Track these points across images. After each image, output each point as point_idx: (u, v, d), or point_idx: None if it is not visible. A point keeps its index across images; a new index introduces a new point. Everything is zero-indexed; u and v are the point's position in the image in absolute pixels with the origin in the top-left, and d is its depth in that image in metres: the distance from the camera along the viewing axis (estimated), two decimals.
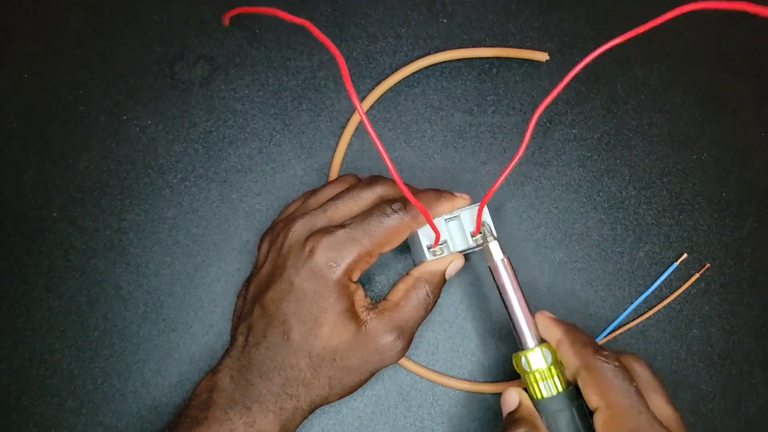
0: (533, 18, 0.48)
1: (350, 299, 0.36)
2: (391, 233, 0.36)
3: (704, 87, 0.48)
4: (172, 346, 0.43)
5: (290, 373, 0.35)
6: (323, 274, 0.35)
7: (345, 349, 0.35)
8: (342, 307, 0.35)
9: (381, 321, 0.36)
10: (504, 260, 0.36)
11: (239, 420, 0.34)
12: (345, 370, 0.36)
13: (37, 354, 0.42)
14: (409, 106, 0.46)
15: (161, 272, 0.44)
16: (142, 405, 0.42)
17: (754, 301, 0.45)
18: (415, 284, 0.37)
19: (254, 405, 0.35)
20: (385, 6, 0.48)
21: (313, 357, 0.35)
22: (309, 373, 0.35)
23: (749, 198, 0.46)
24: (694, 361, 0.44)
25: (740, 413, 0.44)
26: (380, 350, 0.36)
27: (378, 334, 0.36)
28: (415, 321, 0.37)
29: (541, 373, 0.35)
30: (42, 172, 0.45)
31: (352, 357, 0.35)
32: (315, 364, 0.35)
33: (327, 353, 0.35)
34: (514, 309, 0.36)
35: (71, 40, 0.47)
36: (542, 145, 0.46)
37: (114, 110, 0.46)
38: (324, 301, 0.35)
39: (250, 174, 0.45)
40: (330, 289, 0.35)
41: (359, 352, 0.35)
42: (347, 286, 0.36)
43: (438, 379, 0.43)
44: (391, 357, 0.36)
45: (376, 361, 0.36)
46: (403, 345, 0.36)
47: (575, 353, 0.34)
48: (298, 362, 0.35)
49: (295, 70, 0.47)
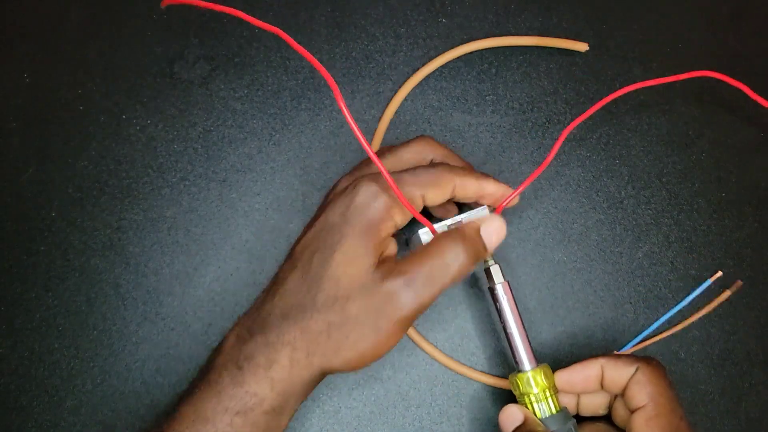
0: (533, 18, 0.48)
1: (377, 238, 0.33)
2: (435, 177, 0.34)
3: (704, 87, 0.48)
4: (172, 346, 0.43)
5: (292, 314, 0.33)
6: (361, 203, 0.33)
7: (347, 286, 0.32)
8: (367, 241, 0.32)
9: (397, 268, 0.33)
10: (504, 284, 0.37)
11: (229, 380, 0.32)
12: (343, 314, 0.32)
13: (36, 353, 0.42)
14: (408, 106, 0.46)
15: (160, 271, 0.44)
16: (141, 405, 0.42)
17: (754, 302, 0.45)
18: (441, 237, 0.34)
19: (245, 363, 0.33)
20: (384, 6, 0.48)
21: (319, 293, 0.32)
22: (309, 313, 0.33)
23: (749, 198, 0.46)
24: (693, 361, 0.44)
25: (740, 413, 0.43)
26: (383, 298, 0.32)
27: (389, 279, 0.32)
28: (437, 279, 0.33)
29: (537, 395, 0.36)
30: (41, 172, 0.45)
31: (351, 298, 0.32)
32: (319, 303, 0.32)
33: (331, 287, 0.32)
34: (513, 332, 0.37)
35: (71, 40, 0.47)
36: (541, 145, 0.46)
37: (113, 110, 0.46)
38: (350, 228, 0.32)
39: (249, 173, 0.45)
40: (362, 219, 0.32)
41: (362, 294, 0.32)
42: (379, 224, 0.33)
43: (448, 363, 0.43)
44: (396, 311, 0.32)
45: (378, 312, 0.32)
46: (411, 300, 0.32)
47: (627, 361, 0.36)
48: (301, 302, 0.33)
49: (295, 70, 0.47)
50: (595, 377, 0.36)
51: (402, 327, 0.33)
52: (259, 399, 0.32)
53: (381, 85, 0.47)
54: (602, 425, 0.38)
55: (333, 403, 0.43)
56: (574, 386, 0.37)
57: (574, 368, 0.37)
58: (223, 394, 0.32)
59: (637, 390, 0.35)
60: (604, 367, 0.36)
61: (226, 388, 0.32)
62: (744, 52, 0.48)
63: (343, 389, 0.43)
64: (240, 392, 0.32)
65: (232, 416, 0.32)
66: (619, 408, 0.37)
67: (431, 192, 0.34)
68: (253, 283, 0.44)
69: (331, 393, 0.43)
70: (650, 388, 0.35)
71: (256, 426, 0.32)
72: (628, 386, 0.35)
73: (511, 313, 0.37)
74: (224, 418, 0.32)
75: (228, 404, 0.32)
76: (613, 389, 0.36)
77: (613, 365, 0.36)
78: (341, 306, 0.32)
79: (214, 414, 0.32)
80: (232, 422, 0.32)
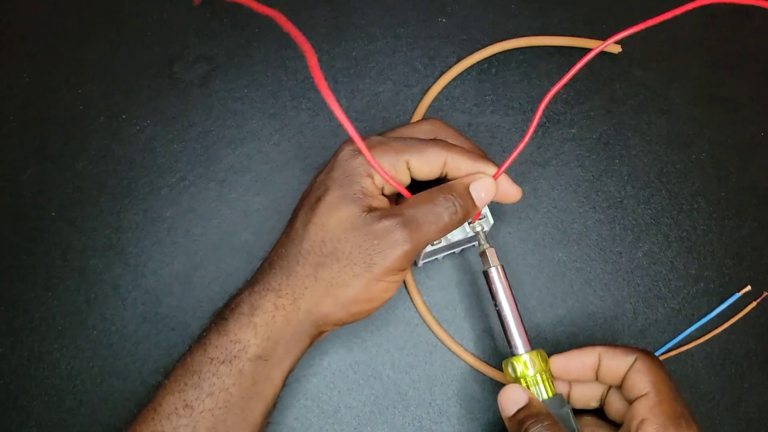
0: (533, 18, 0.48)
1: (359, 188, 0.33)
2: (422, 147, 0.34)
3: (704, 87, 0.47)
4: (171, 346, 0.43)
5: (277, 264, 0.33)
6: (342, 159, 0.33)
7: (336, 228, 0.32)
8: (349, 190, 0.32)
9: (387, 210, 0.33)
10: (498, 267, 0.37)
11: (215, 331, 0.33)
12: (333, 255, 0.32)
13: (35, 353, 0.42)
14: (408, 105, 0.46)
15: (160, 272, 0.44)
16: (141, 405, 0.42)
17: (753, 302, 0.45)
18: (435, 192, 0.34)
19: (230, 313, 0.33)
20: (384, 6, 0.48)
21: (304, 240, 0.33)
22: (294, 260, 0.33)
23: (749, 198, 0.46)
24: (694, 361, 0.44)
25: (740, 413, 0.43)
26: (374, 233, 0.32)
27: (379, 219, 0.32)
28: (427, 228, 0.33)
29: (532, 378, 0.35)
30: (41, 172, 0.45)
31: (343, 239, 0.32)
32: (303, 249, 0.32)
33: (317, 232, 0.32)
34: (507, 316, 0.36)
35: (71, 40, 0.47)
36: (541, 145, 0.46)
37: (113, 110, 0.46)
38: (332, 181, 0.33)
39: (248, 174, 0.45)
40: (343, 173, 0.33)
41: (352, 234, 0.32)
42: (362, 174, 0.33)
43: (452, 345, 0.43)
44: (391, 247, 0.32)
45: (369, 248, 0.32)
46: (402, 231, 0.32)
47: (625, 351, 0.35)
48: (288, 251, 0.33)
49: (294, 70, 0.47)
50: (591, 365, 0.36)
51: (397, 266, 0.32)
52: (242, 346, 0.32)
53: (381, 85, 0.47)
54: (593, 418, 0.37)
55: (333, 403, 0.43)
56: (569, 372, 0.36)
57: (571, 354, 0.36)
58: (209, 345, 0.33)
59: (638, 378, 0.34)
60: (602, 356, 0.36)
61: (212, 339, 0.33)
62: (744, 52, 0.48)
63: (343, 389, 0.43)
64: (224, 341, 0.32)
65: (218, 366, 0.32)
66: (614, 401, 0.36)
67: (416, 160, 0.34)
68: None
69: (331, 393, 0.43)
70: (651, 376, 0.34)
71: (242, 374, 0.32)
72: (628, 376, 0.35)
73: (505, 296, 0.36)
74: (210, 368, 0.32)
75: (213, 354, 0.32)
76: (609, 379, 0.36)
77: (612, 354, 0.35)
78: (331, 246, 0.32)
79: (200, 365, 0.32)
80: (218, 371, 0.32)
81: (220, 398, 0.32)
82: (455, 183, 0.34)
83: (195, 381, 0.32)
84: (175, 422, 0.32)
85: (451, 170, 0.34)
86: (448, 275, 0.44)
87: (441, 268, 0.44)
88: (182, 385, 0.32)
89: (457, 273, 0.44)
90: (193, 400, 0.32)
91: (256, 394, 0.33)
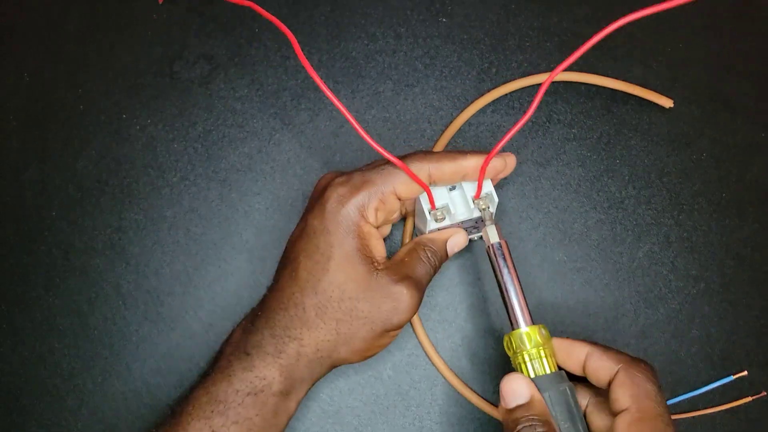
0: (533, 18, 0.48)
1: (363, 240, 0.35)
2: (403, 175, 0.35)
3: (704, 87, 0.47)
4: (172, 346, 0.43)
5: (293, 312, 0.35)
6: (332, 210, 0.35)
7: (353, 288, 0.34)
8: (352, 245, 0.35)
9: (392, 270, 0.35)
10: (501, 243, 0.37)
11: (239, 365, 0.34)
12: (353, 314, 0.35)
13: (36, 353, 0.43)
14: (409, 105, 0.46)
15: (161, 271, 0.44)
16: (141, 405, 0.42)
17: (754, 302, 0.45)
18: (416, 246, 0.37)
19: (253, 350, 0.35)
20: (384, 6, 0.48)
21: (319, 294, 0.34)
22: (313, 312, 0.34)
23: (749, 198, 0.46)
24: (694, 362, 0.44)
25: (740, 413, 0.43)
26: (392, 297, 0.35)
27: (390, 280, 0.35)
28: (423, 276, 0.36)
29: (531, 353, 0.35)
30: (41, 172, 0.45)
31: (362, 299, 0.34)
32: (320, 302, 0.34)
33: (334, 290, 0.34)
34: (509, 290, 0.36)
35: (71, 40, 0.47)
36: (542, 145, 0.46)
37: (113, 109, 0.46)
38: (333, 236, 0.35)
39: (249, 173, 0.45)
40: (339, 225, 0.35)
41: (369, 294, 0.34)
42: (359, 225, 0.35)
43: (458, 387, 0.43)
44: (405, 307, 0.35)
45: (388, 310, 0.35)
46: (415, 295, 0.35)
47: (612, 357, 0.34)
48: (303, 300, 0.35)
49: (295, 69, 0.47)
50: (577, 359, 0.35)
51: (408, 321, 0.36)
52: (268, 382, 0.34)
53: (381, 85, 0.47)
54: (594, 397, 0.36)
55: (333, 403, 0.43)
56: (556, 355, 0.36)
57: (563, 340, 0.36)
58: (234, 377, 0.34)
59: (621, 393, 0.33)
60: (589, 355, 0.35)
61: (237, 372, 0.34)
62: (744, 52, 0.48)
63: (344, 389, 0.43)
64: (250, 376, 0.34)
65: (243, 397, 0.34)
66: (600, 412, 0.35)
67: (401, 188, 0.36)
68: (253, 283, 0.44)
69: (331, 393, 0.43)
70: (634, 390, 0.32)
71: (266, 406, 0.34)
72: (612, 387, 0.33)
73: (508, 272, 0.37)
74: (236, 398, 0.34)
75: (239, 386, 0.34)
76: (594, 381, 0.35)
77: (598, 356, 0.34)
78: (350, 305, 0.34)
79: (225, 395, 0.34)
80: (244, 402, 0.34)
81: (244, 426, 0.34)
82: (434, 240, 0.38)
83: (221, 409, 0.33)
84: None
85: (438, 177, 0.36)
86: (449, 275, 0.44)
87: (442, 268, 0.44)
88: (208, 412, 0.34)
89: (459, 273, 0.44)
90: (220, 427, 0.33)
91: (275, 423, 0.35)
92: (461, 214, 0.38)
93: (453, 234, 0.39)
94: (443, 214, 0.37)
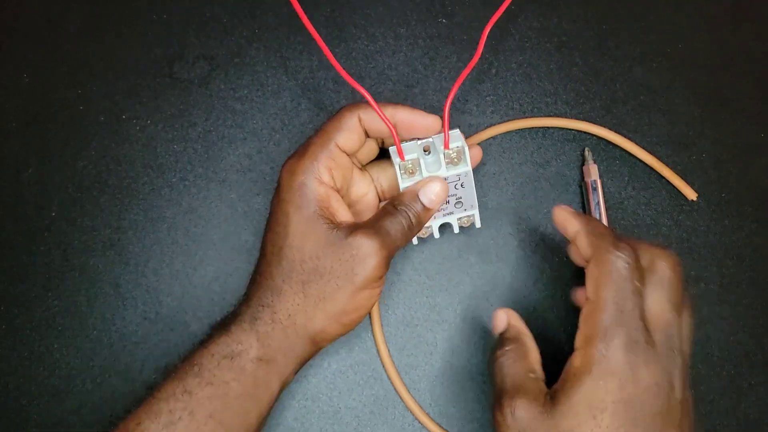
0: (533, 18, 0.48)
1: (322, 203, 0.35)
2: (339, 121, 0.36)
3: (704, 87, 0.47)
4: (171, 346, 0.43)
5: (264, 283, 0.35)
6: (285, 182, 0.36)
7: (313, 248, 0.34)
8: (310, 209, 0.35)
9: (357, 227, 0.35)
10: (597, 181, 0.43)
11: (216, 334, 0.35)
12: (317, 272, 0.34)
13: (35, 353, 0.43)
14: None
15: (160, 271, 0.44)
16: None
17: (753, 302, 0.45)
18: (386, 204, 0.37)
19: (231, 322, 0.35)
20: (384, 6, 0.48)
21: (283, 261, 0.35)
22: (280, 279, 0.35)
23: (749, 198, 0.46)
24: (694, 362, 0.44)
25: (740, 413, 0.43)
26: (351, 247, 0.34)
27: (353, 237, 0.34)
28: (390, 227, 0.35)
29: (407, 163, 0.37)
30: (41, 172, 0.45)
31: (322, 256, 0.34)
32: (285, 269, 0.35)
33: (294, 254, 0.35)
34: None
35: (71, 40, 0.47)
36: (541, 145, 0.46)
37: (113, 110, 0.46)
38: (289, 205, 0.35)
39: (249, 174, 0.45)
40: (294, 193, 0.35)
41: (330, 251, 0.34)
42: (315, 189, 0.35)
43: None
44: (364, 254, 0.34)
45: (349, 260, 0.34)
46: (375, 243, 0.34)
47: (590, 244, 0.33)
48: (270, 270, 0.35)
49: (295, 69, 0.47)
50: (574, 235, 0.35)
51: (376, 274, 0.35)
52: (245, 347, 0.34)
53: (381, 85, 0.47)
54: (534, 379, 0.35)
55: (333, 403, 0.43)
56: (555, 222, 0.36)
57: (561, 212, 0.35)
58: (211, 343, 0.34)
59: (588, 284, 0.32)
60: (578, 234, 0.34)
61: (214, 339, 0.34)
62: (744, 51, 0.48)
63: (343, 389, 0.43)
64: (227, 340, 0.34)
65: (219, 359, 0.34)
66: None
67: (365, 114, 0.36)
68: None
69: (331, 393, 0.43)
70: (595, 283, 0.32)
71: (243, 371, 0.34)
72: (585, 276, 0.33)
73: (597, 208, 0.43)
74: (212, 360, 0.34)
75: (214, 350, 0.34)
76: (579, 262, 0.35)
77: (584, 236, 0.33)
78: (312, 264, 0.34)
79: (201, 358, 0.34)
80: (219, 365, 0.33)
81: (220, 389, 0.33)
82: (405, 193, 0.37)
83: (195, 371, 0.33)
84: (172, 405, 0.33)
85: (369, 124, 0.37)
86: (449, 275, 0.44)
87: (441, 268, 0.44)
88: (182, 374, 0.33)
89: (458, 274, 0.44)
90: (194, 387, 0.33)
91: (254, 395, 0.34)
92: (432, 167, 0.38)
93: (426, 183, 0.37)
94: (414, 166, 0.37)
